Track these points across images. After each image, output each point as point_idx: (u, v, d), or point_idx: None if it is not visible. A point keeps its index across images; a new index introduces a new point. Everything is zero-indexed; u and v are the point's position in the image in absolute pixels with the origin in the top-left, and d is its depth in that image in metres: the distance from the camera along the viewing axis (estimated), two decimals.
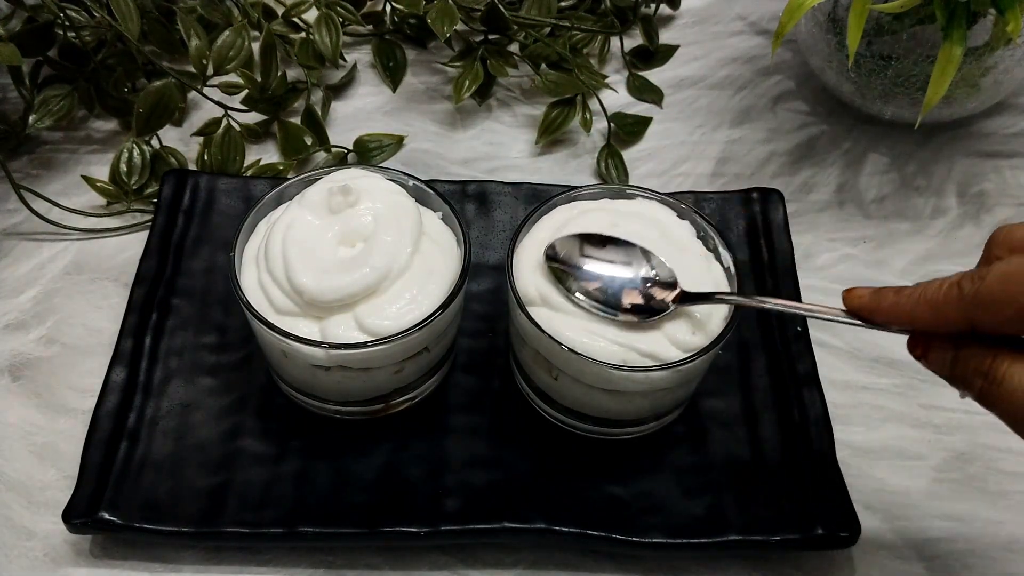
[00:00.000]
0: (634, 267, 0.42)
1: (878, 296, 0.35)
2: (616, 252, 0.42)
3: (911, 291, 0.34)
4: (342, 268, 0.41)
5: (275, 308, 0.41)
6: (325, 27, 0.62)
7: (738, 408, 0.47)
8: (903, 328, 0.35)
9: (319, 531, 0.42)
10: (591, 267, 0.42)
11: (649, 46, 0.69)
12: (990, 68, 0.56)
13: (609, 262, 0.42)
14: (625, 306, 0.41)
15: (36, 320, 0.52)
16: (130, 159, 0.56)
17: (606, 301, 0.41)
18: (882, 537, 0.45)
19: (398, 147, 0.62)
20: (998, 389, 0.31)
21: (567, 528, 0.43)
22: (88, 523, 0.42)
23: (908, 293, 0.34)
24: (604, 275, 0.42)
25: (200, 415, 0.46)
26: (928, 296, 0.33)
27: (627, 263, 0.42)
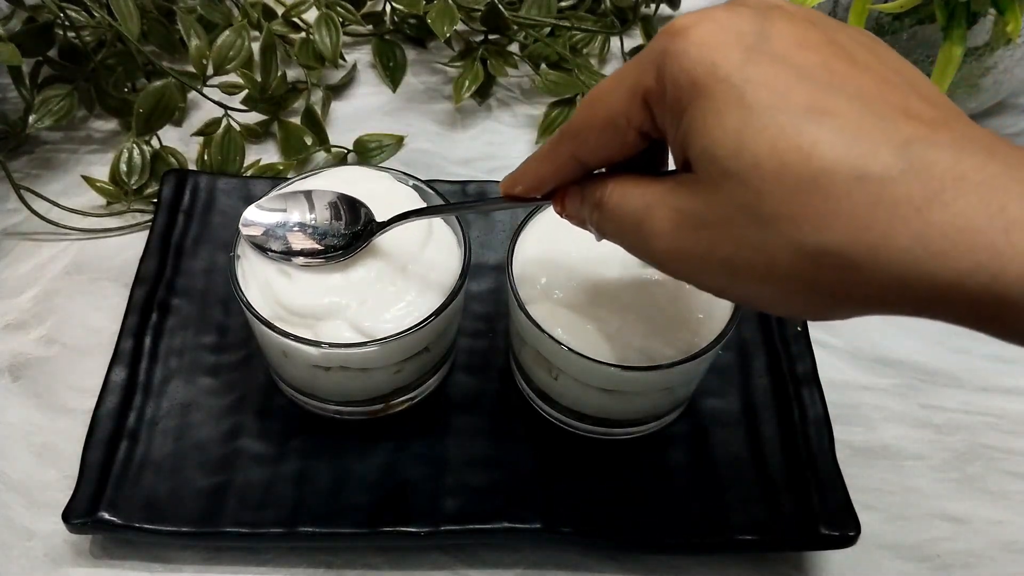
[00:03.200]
0: (308, 211, 0.42)
1: (516, 171, 0.35)
2: (290, 201, 0.43)
3: (535, 153, 0.34)
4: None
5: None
6: (325, 27, 0.62)
7: (738, 408, 0.47)
8: (545, 192, 0.34)
9: (319, 531, 0.42)
10: (278, 223, 0.42)
11: None
12: (990, 68, 0.56)
13: (282, 211, 0.42)
14: (316, 248, 0.41)
15: (36, 320, 0.52)
16: (130, 159, 0.56)
17: (296, 251, 0.41)
18: (882, 537, 0.45)
19: (398, 147, 0.62)
20: (603, 213, 0.31)
21: (567, 528, 0.43)
22: (88, 523, 0.42)
23: (533, 155, 0.34)
24: (282, 227, 0.42)
25: (200, 415, 0.46)
26: (544, 150, 0.33)
27: (304, 209, 0.42)
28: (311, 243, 0.42)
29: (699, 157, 0.26)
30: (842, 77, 0.25)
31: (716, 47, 0.26)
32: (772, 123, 0.25)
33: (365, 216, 0.42)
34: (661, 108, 0.28)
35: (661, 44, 0.27)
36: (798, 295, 0.26)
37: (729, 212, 0.26)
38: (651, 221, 0.29)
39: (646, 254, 0.30)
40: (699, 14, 0.27)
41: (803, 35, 0.26)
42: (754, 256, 0.26)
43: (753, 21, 0.27)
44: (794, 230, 0.24)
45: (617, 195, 0.31)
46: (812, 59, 0.26)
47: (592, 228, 0.33)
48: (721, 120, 0.25)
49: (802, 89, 0.25)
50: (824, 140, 0.24)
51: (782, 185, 0.24)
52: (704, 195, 0.27)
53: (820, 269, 0.24)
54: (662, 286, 0.42)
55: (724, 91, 0.26)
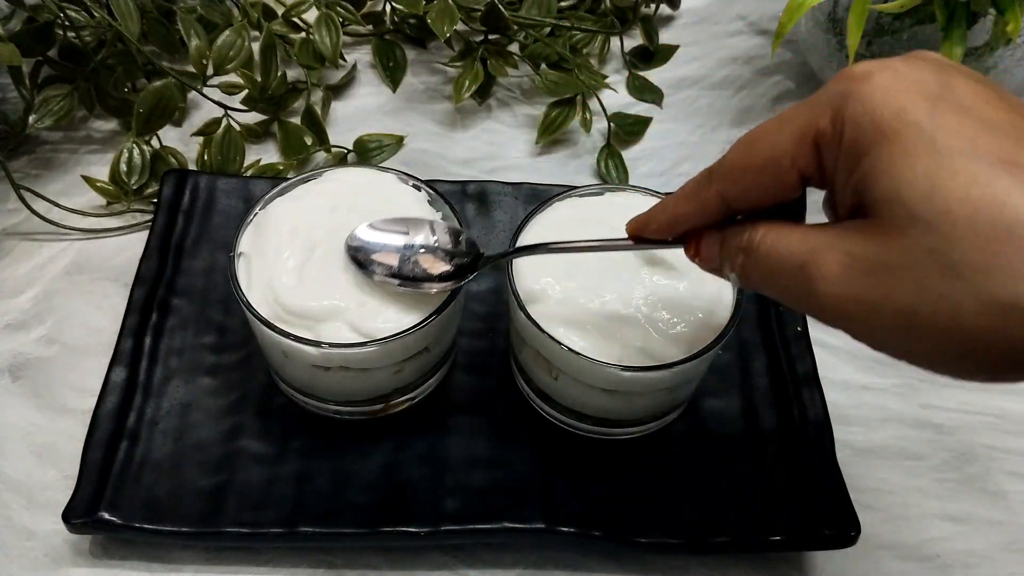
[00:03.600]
0: (420, 237, 0.42)
1: (649, 211, 0.35)
2: (401, 226, 0.43)
3: (675, 193, 0.34)
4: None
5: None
6: (325, 27, 0.62)
7: (738, 408, 0.47)
8: (679, 235, 0.34)
9: (319, 531, 0.42)
10: (383, 244, 0.42)
11: (649, 46, 0.69)
12: (990, 68, 0.56)
13: (398, 235, 0.42)
14: (423, 276, 0.41)
15: (36, 320, 0.52)
16: (130, 159, 0.56)
17: (405, 276, 0.41)
18: (882, 537, 0.45)
19: (398, 147, 0.62)
20: (753, 257, 0.30)
21: (567, 528, 0.43)
22: (88, 523, 0.42)
23: (672, 195, 0.34)
24: (394, 251, 0.42)
25: (200, 415, 0.46)
26: (686, 189, 0.33)
27: (413, 234, 0.42)
28: (431, 267, 0.41)
29: (883, 200, 0.26)
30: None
31: (902, 93, 0.26)
32: (965, 170, 0.24)
33: (474, 247, 0.42)
34: (833, 151, 0.28)
35: (841, 87, 0.27)
36: (979, 351, 0.25)
37: (914, 258, 0.25)
38: (817, 265, 0.27)
39: (808, 301, 0.28)
40: (879, 63, 0.27)
41: (981, 91, 0.27)
42: (937, 305, 0.25)
43: (935, 73, 0.27)
44: (986, 280, 0.24)
45: (772, 238, 0.30)
46: (997, 114, 0.26)
47: (734, 273, 0.32)
48: (911, 163, 0.25)
49: (992, 140, 0.25)
50: (1018, 192, 0.24)
51: (975, 233, 0.24)
52: (885, 239, 0.26)
53: (1010, 323, 0.24)
54: (662, 287, 0.42)
55: (914, 135, 0.25)
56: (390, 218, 0.43)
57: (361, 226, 0.42)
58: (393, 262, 0.41)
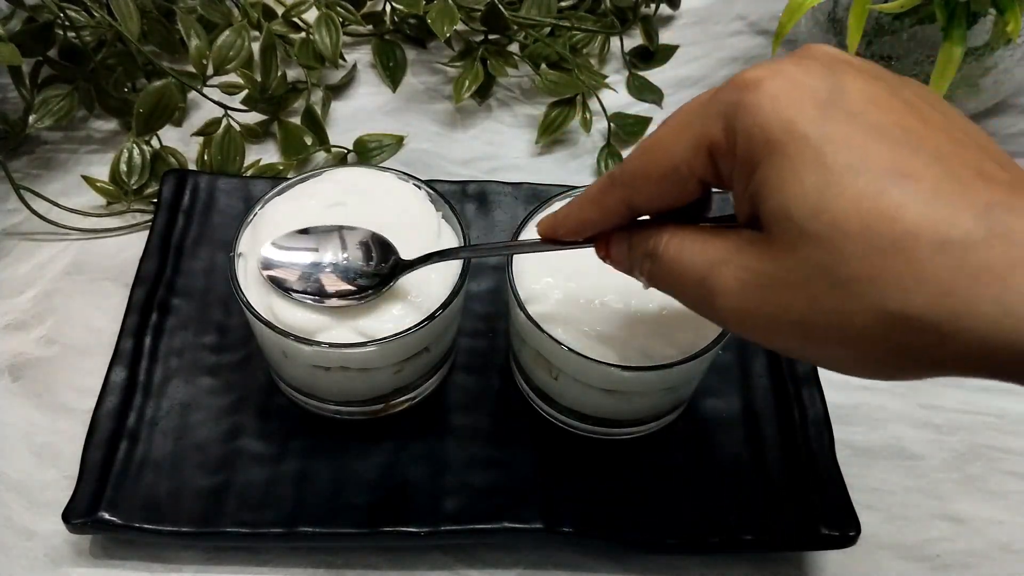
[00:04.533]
0: (333, 251, 0.41)
1: (556, 214, 0.35)
2: (314, 241, 0.41)
3: (578, 196, 0.34)
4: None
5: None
6: (325, 27, 0.62)
7: (738, 408, 0.47)
8: (587, 236, 0.34)
9: (319, 531, 0.42)
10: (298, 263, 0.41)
11: (649, 46, 0.69)
12: (990, 68, 0.56)
13: (312, 252, 0.41)
14: (338, 291, 0.40)
15: (36, 320, 0.52)
16: (130, 159, 0.56)
17: (320, 292, 0.40)
18: (882, 537, 0.45)
19: (398, 147, 0.62)
20: (658, 265, 0.31)
21: (567, 528, 0.43)
22: (88, 523, 0.42)
23: (577, 199, 0.34)
24: (310, 267, 0.41)
25: (200, 415, 0.46)
26: (590, 193, 0.33)
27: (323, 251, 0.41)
28: (341, 284, 0.41)
29: (773, 215, 0.26)
30: (918, 137, 0.25)
31: (790, 103, 0.26)
32: (853, 184, 0.24)
33: (392, 255, 0.41)
34: (728, 161, 0.28)
35: (731, 96, 0.27)
36: (872, 357, 0.25)
37: (805, 273, 0.25)
38: (715, 279, 0.28)
39: (708, 311, 0.29)
40: (768, 67, 0.27)
41: (873, 91, 0.26)
42: (830, 318, 0.25)
43: (824, 76, 0.26)
44: (875, 293, 0.24)
45: (674, 248, 0.30)
46: (887, 117, 0.25)
47: (641, 277, 0.33)
48: (799, 179, 0.25)
49: (881, 149, 0.25)
50: (907, 204, 0.24)
51: (864, 247, 0.24)
52: (777, 255, 0.26)
53: (899, 332, 0.24)
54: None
55: (801, 149, 0.25)
56: (294, 231, 0.42)
57: (266, 245, 0.41)
58: (304, 282, 0.41)
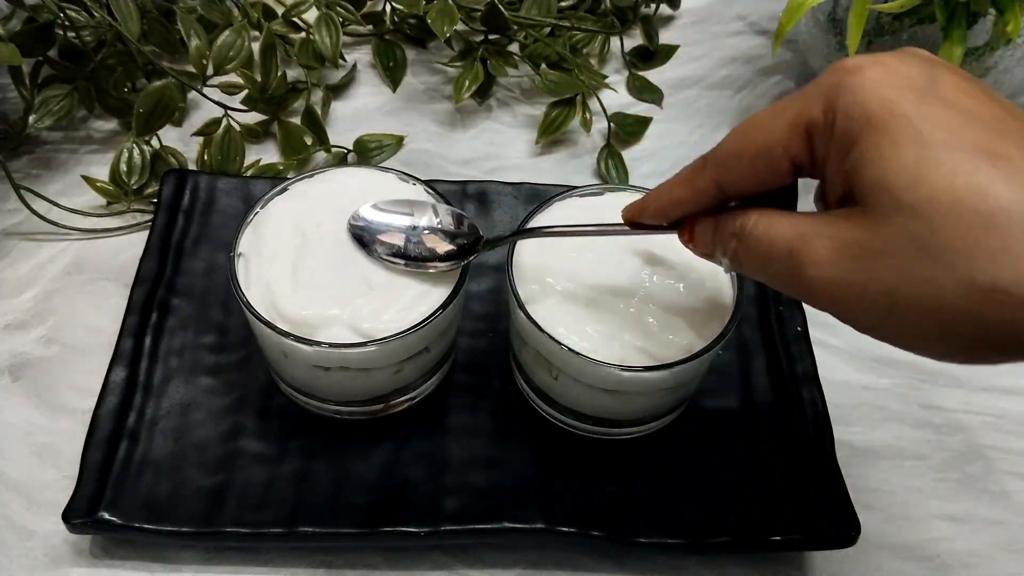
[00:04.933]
0: (424, 218, 0.43)
1: (645, 196, 0.36)
2: (406, 207, 0.44)
3: (671, 179, 0.35)
4: None
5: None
6: (325, 27, 0.62)
7: (738, 408, 0.47)
8: (674, 220, 0.35)
9: (319, 531, 0.42)
10: (387, 224, 0.43)
11: (649, 46, 0.69)
12: (990, 68, 0.56)
13: (403, 216, 0.43)
14: (425, 255, 0.42)
15: (36, 320, 0.52)
16: (130, 159, 0.56)
17: (408, 255, 0.42)
18: (882, 537, 0.45)
19: (398, 147, 0.62)
20: (745, 243, 0.31)
21: (567, 528, 0.43)
22: (88, 523, 0.42)
23: (668, 181, 0.35)
24: (399, 231, 0.43)
25: (200, 415, 0.46)
26: (682, 176, 0.34)
27: (418, 216, 0.43)
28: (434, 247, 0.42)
29: (871, 187, 0.27)
30: (1007, 125, 0.27)
31: (890, 86, 0.27)
32: (949, 160, 0.25)
33: (476, 231, 0.43)
34: (825, 140, 0.29)
35: (833, 79, 0.28)
36: (959, 332, 0.26)
37: (899, 243, 0.26)
38: (806, 250, 0.29)
39: (798, 285, 0.29)
40: (870, 57, 0.28)
41: (966, 86, 0.28)
42: (919, 288, 0.26)
43: (922, 68, 0.28)
44: (966, 264, 0.25)
45: (764, 224, 0.31)
46: (980, 107, 0.27)
47: (725, 258, 0.33)
48: (898, 153, 0.26)
49: (975, 132, 0.26)
50: (999, 180, 0.25)
51: (956, 220, 0.25)
52: (872, 225, 0.27)
53: (988, 305, 0.25)
54: (662, 286, 0.42)
55: (901, 126, 0.26)
56: (392, 199, 0.44)
57: (364, 206, 0.43)
58: (397, 242, 0.42)
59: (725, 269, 0.34)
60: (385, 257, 0.42)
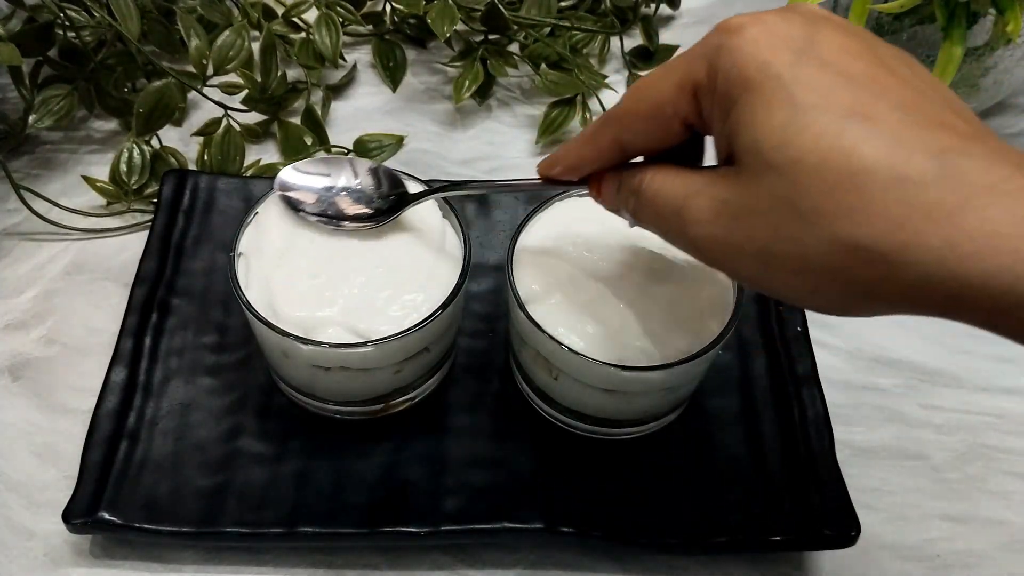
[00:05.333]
0: (346, 178, 0.44)
1: (556, 153, 0.36)
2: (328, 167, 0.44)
3: (577, 136, 0.35)
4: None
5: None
6: (325, 27, 0.62)
7: (738, 408, 0.47)
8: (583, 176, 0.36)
9: (319, 531, 0.42)
10: (312, 186, 0.44)
11: (649, 46, 0.69)
12: (990, 68, 0.56)
13: (324, 177, 0.44)
14: (348, 214, 0.43)
15: (36, 320, 0.52)
16: (130, 159, 0.56)
17: (332, 214, 0.43)
18: (882, 537, 0.45)
19: (398, 147, 0.62)
20: (640, 199, 0.32)
21: (567, 528, 0.43)
22: (88, 523, 0.42)
23: (575, 138, 0.35)
24: (321, 190, 0.43)
25: (200, 415, 0.46)
26: (587, 132, 0.35)
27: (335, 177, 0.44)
28: (354, 208, 0.43)
29: (745, 149, 0.27)
30: (883, 86, 0.27)
31: (768, 47, 0.27)
32: (816, 122, 0.26)
33: (401, 186, 0.44)
34: (709, 101, 0.29)
35: (715, 40, 0.29)
36: (827, 288, 0.27)
37: (769, 203, 0.27)
38: (690, 209, 0.30)
39: (682, 240, 0.31)
40: (752, 16, 0.29)
41: (848, 44, 0.28)
42: (789, 247, 0.27)
43: (803, 27, 0.28)
44: (830, 224, 0.25)
45: (657, 182, 0.31)
46: (856, 66, 0.27)
47: (627, 214, 0.34)
48: (769, 115, 0.27)
49: (846, 93, 0.26)
50: (865, 142, 0.25)
51: (822, 181, 0.25)
52: (746, 186, 0.28)
53: (852, 263, 0.25)
54: (662, 286, 0.42)
55: (774, 88, 0.27)
56: (313, 159, 0.45)
57: (286, 169, 0.44)
58: (319, 203, 0.43)
59: (629, 224, 0.34)
60: (309, 219, 0.43)
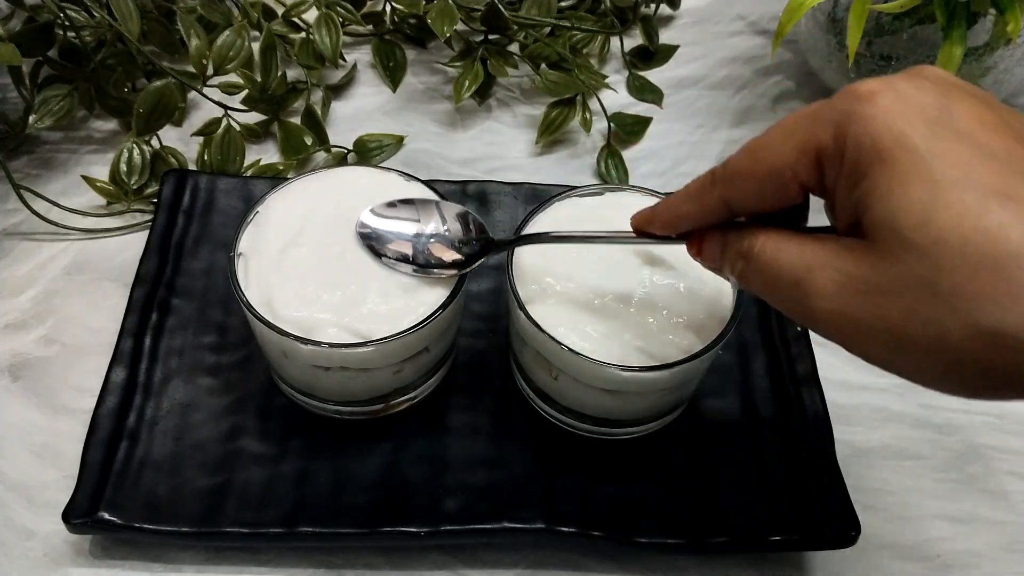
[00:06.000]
0: (431, 224, 0.43)
1: (654, 207, 0.36)
2: (411, 212, 0.43)
3: (679, 191, 0.34)
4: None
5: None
6: (325, 27, 0.62)
7: (738, 408, 0.47)
8: (682, 232, 0.35)
9: (319, 531, 0.42)
10: (395, 232, 0.43)
11: (649, 46, 0.69)
12: (990, 68, 0.56)
13: (411, 223, 0.43)
14: (434, 262, 0.42)
15: (36, 320, 0.52)
16: (130, 159, 0.56)
17: (418, 261, 0.42)
18: (882, 537, 0.45)
19: (398, 147, 0.62)
20: (752, 265, 0.31)
21: (567, 528, 0.43)
22: (88, 523, 0.42)
23: (677, 193, 0.34)
24: (408, 237, 0.42)
25: (200, 415, 0.46)
26: (691, 189, 0.34)
27: (424, 222, 0.43)
28: (443, 254, 0.42)
29: (879, 224, 0.26)
30: (1023, 161, 0.26)
31: (903, 117, 0.26)
32: (959, 200, 0.25)
33: (486, 233, 0.43)
34: (835, 169, 0.28)
35: (845, 105, 0.28)
36: (962, 372, 0.26)
37: (905, 283, 0.26)
38: (813, 281, 0.28)
39: (803, 313, 0.29)
40: (883, 82, 0.28)
41: (984, 115, 0.27)
42: (925, 329, 0.26)
43: (937, 96, 0.27)
44: (971, 308, 0.25)
45: (771, 248, 0.30)
46: (995, 141, 0.26)
47: (732, 276, 0.33)
48: (907, 190, 0.26)
49: (988, 170, 0.25)
50: (1010, 224, 0.24)
51: (964, 263, 0.24)
52: (878, 263, 0.26)
53: (992, 349, 0.25)
54: (662, 287, 0.42)
55: (912, 162, 0.26)
56: (394, 201, 0.44)
57: (365, 212, 0.43)
58: (405, 250, 0.42)
59: (733, 286, 0.34)
60: (394, 265, 0.42)
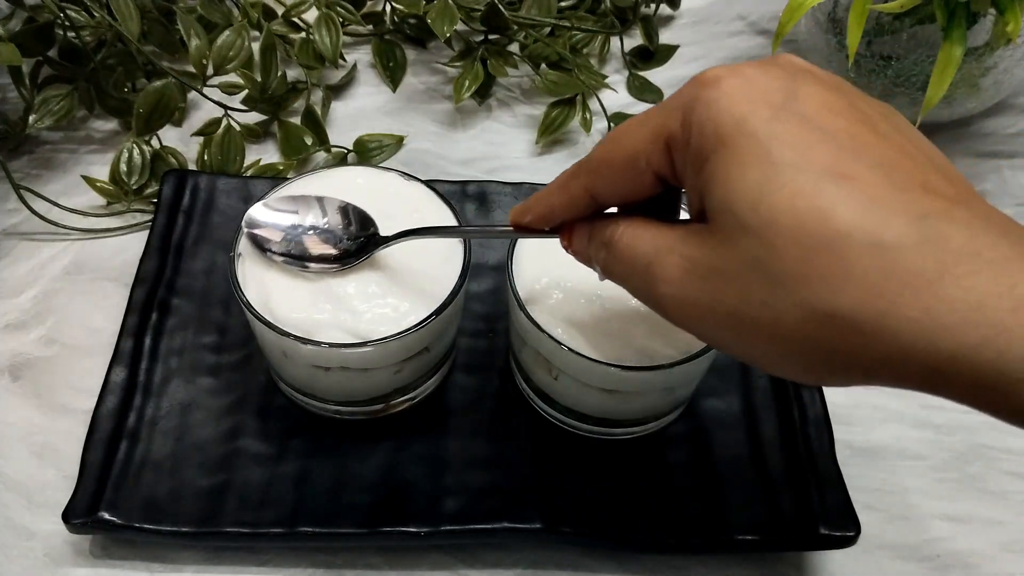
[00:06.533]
0: (315, 218, 0.42)
1: (528, 201, 0.35)
2: (297, 205, 0.43)
3: (550, 184, 0.34)
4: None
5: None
6: (325, 27, 0.62)
7: (738, 408, 0.47)
8: (554, 225, 0.35)
9: (319, 531, 0.42)
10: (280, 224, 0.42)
11: (649, 46, 0.69)
12: (990, 68, 0.56)
13: (293, 214, 0.42)
14: (314, 255, 0.41)
15: (36, 320, 0.52)
16: (130, 159, 0.56)
17: (299, 255, 0.41)
18: (882, 537, 0.45)
19: (398, 147, 0.62)
20: (612, 253, 0.31)
21: (567, 528, 0.43)
22: (88, 523, 0.42)
23: (547, 186, 0.34)
24: (289, 230, 0.42)
25: (200, 415, 0.46)
26: (558, 182, 0.33)
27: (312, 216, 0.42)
28: (319, 248, 0.41)
29: (716, 208, 0.26)
30: (864, 144, 0.25)
31: (746, 101, 0.26)
32: (792, 181, 0.25)
33: (371, 228, 0.42)
34: (683, 154, 0.28)
35: (691, 92, 0.28)
36: (800, 356, 0.26)
37: (740, 266, 0.26)
38: (660, 266, 0.28)
39: (651, 299, 0.29)
40: (731, 68, 0.28)
41: (829, 99, 0.27)
42: (760, 312, 0.25)
43: (783, 80, 0.27)
44: (804, 290, 0.24)
45: (628, 236, 0.30)
46: (837, 123, 0.26)
47: (598, 267, 0.33)
48: (743, 173, 0.25)
49: (825, 151, 0.25)
50: (843, 204, 0.24)
51: (797, 244, 0.24)
52: (717, 246, 0.26)
53: (826, 331, 0.24)
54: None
55: (749, 145, 0.26)
56: (282, 196, 0.43)
57: (256, 205, 0.43)
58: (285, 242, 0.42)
59: (599, 278, 0.33)
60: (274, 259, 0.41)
